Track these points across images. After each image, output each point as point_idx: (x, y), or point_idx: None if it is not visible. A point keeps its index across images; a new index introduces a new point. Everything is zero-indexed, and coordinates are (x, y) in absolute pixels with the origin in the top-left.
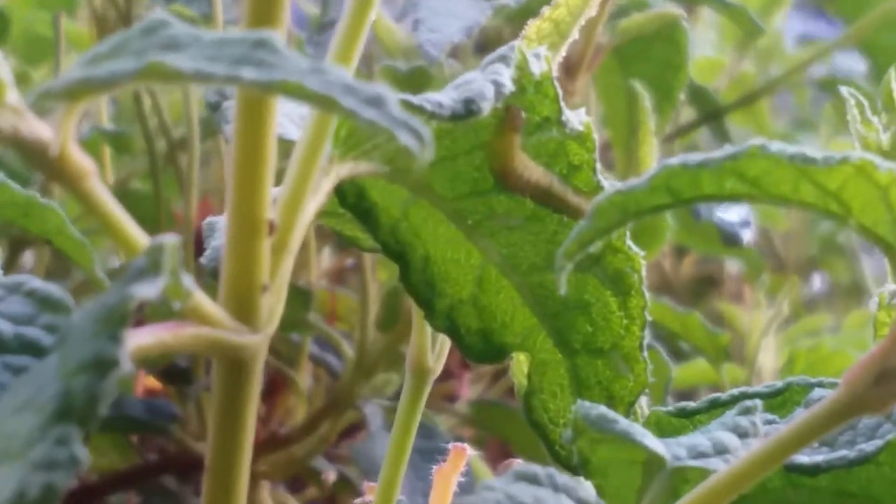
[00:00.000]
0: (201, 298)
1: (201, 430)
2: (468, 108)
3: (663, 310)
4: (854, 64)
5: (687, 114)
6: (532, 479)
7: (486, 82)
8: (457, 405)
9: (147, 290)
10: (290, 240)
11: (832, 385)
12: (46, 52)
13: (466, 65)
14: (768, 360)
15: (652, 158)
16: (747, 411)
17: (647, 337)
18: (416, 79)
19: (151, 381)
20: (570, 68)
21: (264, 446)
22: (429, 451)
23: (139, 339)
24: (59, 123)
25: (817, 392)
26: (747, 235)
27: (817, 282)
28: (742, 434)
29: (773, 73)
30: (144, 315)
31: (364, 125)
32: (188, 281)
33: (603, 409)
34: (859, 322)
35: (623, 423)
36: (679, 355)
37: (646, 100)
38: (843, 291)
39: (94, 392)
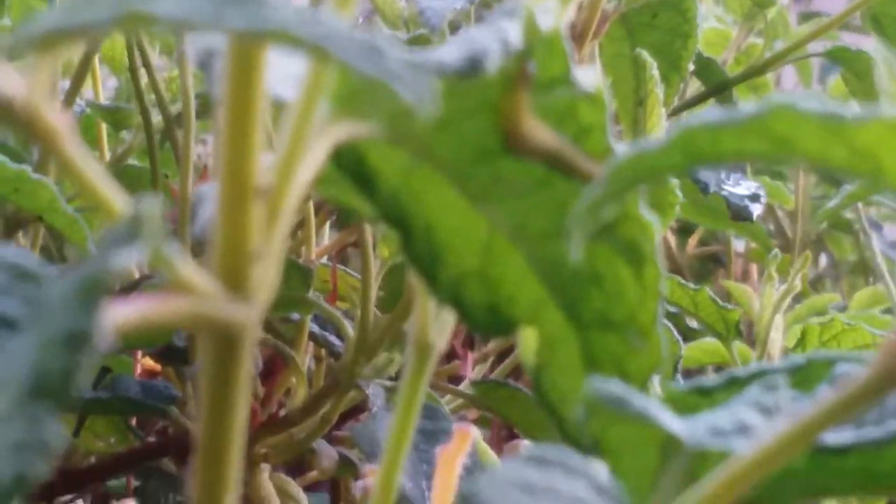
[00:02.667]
0: (188, 268)
1: (200, 411)
2: (472, 66)
3: (672, 285)
4: (858, 42)
5: (693, 87)
6: (543, 461)
7: (491, 38)
8: (461, 386)
9: (125, 259)
10: (283, 204)
11: (855, 360)
12: None
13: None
14: (776, 338)
15: (660, 129)
16: (770, 387)
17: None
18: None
19: (150, 363)
20: (575, 36)
21: (263, 429)
22: (433, 432)
23: (121, 314)
24: (31, 76)
25: (841, 367)
26: (757, 210)
27: (824, 261)
28: (765, 411)
29: (779, 48)
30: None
31: (359, 78)
32: (172, 248)
33: (617, 386)
34: (867, 300)
35: (639, 401)
36: (685, 335)
37: (653, 69)
38: (849, 269)
39: (69, 368)
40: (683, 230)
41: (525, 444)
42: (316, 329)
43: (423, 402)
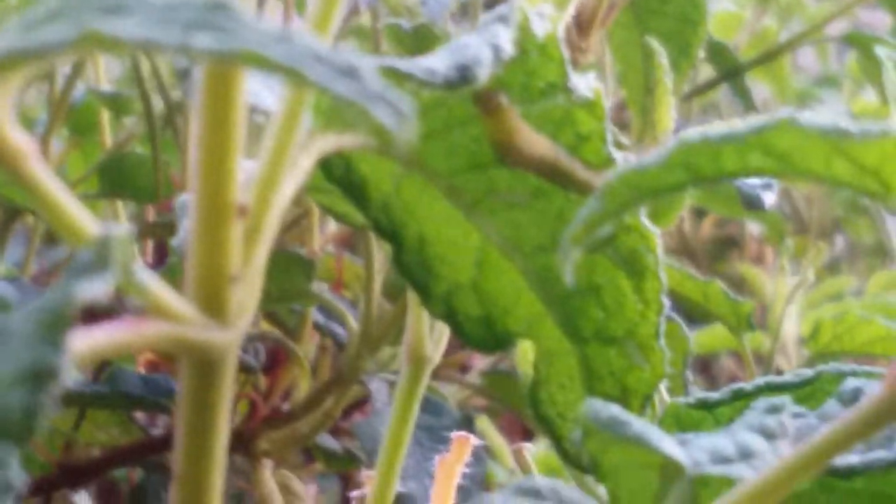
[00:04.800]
0: (162, 292)
1: (178, 436)
2: (463, 75)
3: (683, 278)
4: (878, 20)
5: (705, 72)
6: (535, 494)
7: (483, 45)
8: (469, 376)
9: (92, 290)
10: (263, 224)
11: (866, 374)
12: None
13: (477, 22)
14: (790, 326)
15: (669, 119)
16: (774, 410)
17: (666, 309)
18: (420, 37)
19: (152, 355)
20: (582, 24)
21: (266, 423)
22: (437, 429)
23: (91, 340)
24: None
25: (850, 383)
26: (770, 199)
27: (840, 243)
28: (769, 435)
29: (795, 29)
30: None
31: (336, 99)
32: (144, 275)
33: (615, 410)
34: (884, 284)
35: (637, 425)
36: (702, 317)
37: (663, 57)
38: (866, 252)
39: (32, 406)
40: (698, 212)
41: (528, 447)
42: (321, 319)
43: (417, 414)
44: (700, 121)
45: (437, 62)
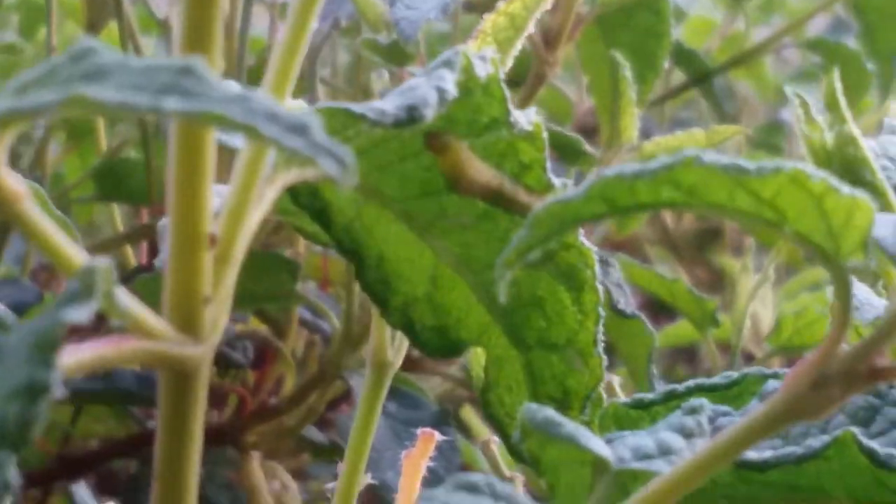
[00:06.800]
0: (141, 313)
1: (157, 442)
2: (410, 115)
3: (650, 276)
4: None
5: (679, 74)
6: (472, 489)
7: (429, 88)
8: (450, 369)
9: (78, 315)
10: (232, 251)
11: (782, 377)
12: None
13: (456, 23)
14: (766, 315)
15: (633, 129)
16: (693, 411)
17: (634, 305)
18: (395, 51)
19: None
20: (549, 39)
21: (253, 417)
22: (414, 421)
23: (78, 356)
24: None
25: (770, 384)
26: None
27: None
28: (688, 434)
29: (777, 24)
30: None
31: (287, 153)
32: (124, 300)
33: (549, 412)
34: None
35: (569, 426)
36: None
37: (626, 70)
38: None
39: (27, 418)
40: None
41: (496, 440)
42: (308, 316)
43: (392, 401)
44: (679, 118)
45: (388, 104)
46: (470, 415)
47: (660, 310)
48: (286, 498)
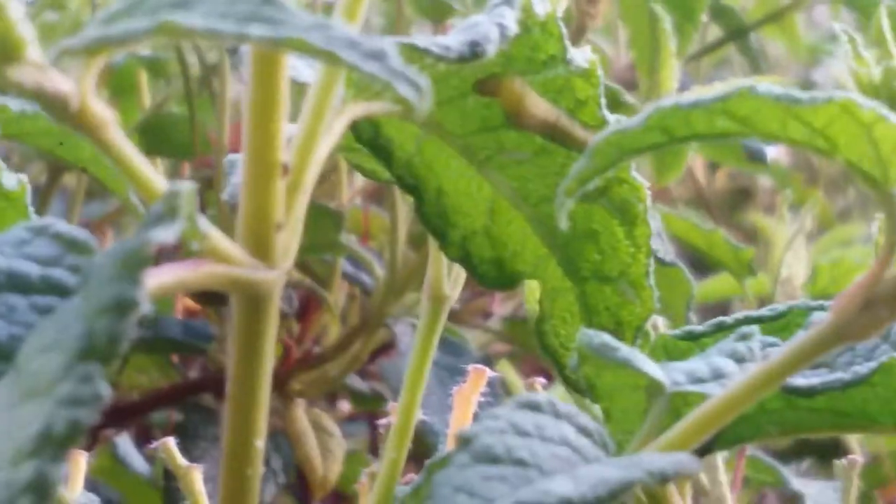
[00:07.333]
0: (218, 238)
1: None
2: (473, 51)
3: (688, 226)
4: None
5: (715, 31)
6: (534, 407)
7: (491, 25)
8: (490, 322)
9: (164, 235)
10: (303, 179)
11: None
12: None
13: None
14: (800, 271)
15: (672, 80)
16: (744, 338)
17: (672, 253)
18: (437, 6)
19: (190, 302)
20: None
21: (298, 365)
22: (458, 368)
23: (159, 278)
24: (79, 78)
25: (816, 316)
26: (772, 151)
27: (852, 193)
28: (739, 359)
29: None
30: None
31: (366, 77)
32: (204, 224)
33: (605, 337)
34: None
35: (624, 350)
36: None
37: (666, 22)
38: (876, 202)
39: (116, 332)
40: (712, 166)
41: (541, 381)
42: (350, 269)
43: (436, 348)
44: (713, 76)
45: (451, 40)
46: (506, 367)
47: (692, 267)
48: (331, 444)
